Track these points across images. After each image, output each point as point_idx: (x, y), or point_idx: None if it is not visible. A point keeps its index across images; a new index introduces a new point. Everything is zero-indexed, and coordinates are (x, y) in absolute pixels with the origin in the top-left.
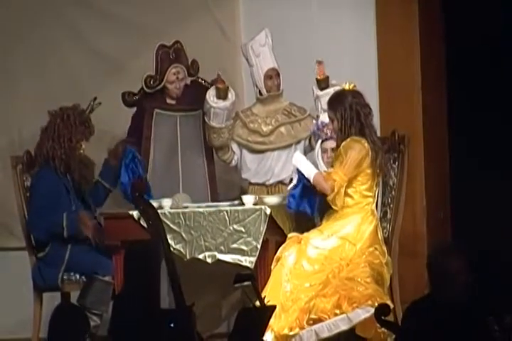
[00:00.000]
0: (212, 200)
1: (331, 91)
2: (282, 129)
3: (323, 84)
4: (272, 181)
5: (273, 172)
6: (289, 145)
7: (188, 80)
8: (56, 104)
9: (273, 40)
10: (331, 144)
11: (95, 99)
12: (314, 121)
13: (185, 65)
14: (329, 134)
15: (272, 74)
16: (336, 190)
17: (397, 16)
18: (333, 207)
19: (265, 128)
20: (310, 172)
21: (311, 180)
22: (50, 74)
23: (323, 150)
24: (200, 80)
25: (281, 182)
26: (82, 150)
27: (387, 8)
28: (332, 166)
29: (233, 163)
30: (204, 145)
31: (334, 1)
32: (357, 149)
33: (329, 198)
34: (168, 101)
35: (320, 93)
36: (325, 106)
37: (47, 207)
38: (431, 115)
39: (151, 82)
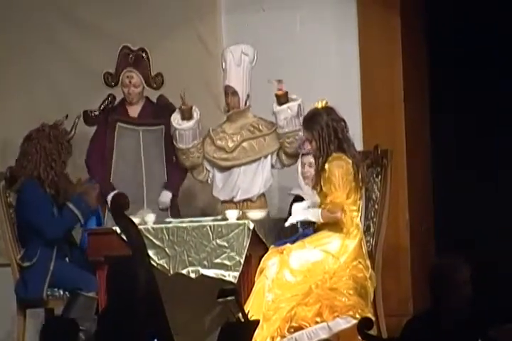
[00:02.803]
0: (173, 216)
1: (288, 105)
2: (245, 145)
3: (282, 99)
4: (238, 198)
5: (239, 189)
6: (255, 161)
7: (156, 93)
8: (42, 119)
9: (255, 55)
10: (308, 159)
11: (79, 117)
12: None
13: (144, 73)
14: (306, 149)
15: (228, 92)
16: (345, 209)
17: (380, 30)
18: (341, 225)
19: (230, 145)
20: (315, 215)
21: (322, 221)
22: (37, 89)
23: (302, 165)
24: (165, 98)
25: (249, 200)
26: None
27: (369, 22)
28: (317, 189)
29: (209, 181)
30: (166, 160)
31: (317, 16)
32: (342, 166)
33: (340, 220)
34: (131, 114)
35: (277, 109)
36: (282, 122)
37: (49, 208)
38: (413, 128)
39: (109, 80)
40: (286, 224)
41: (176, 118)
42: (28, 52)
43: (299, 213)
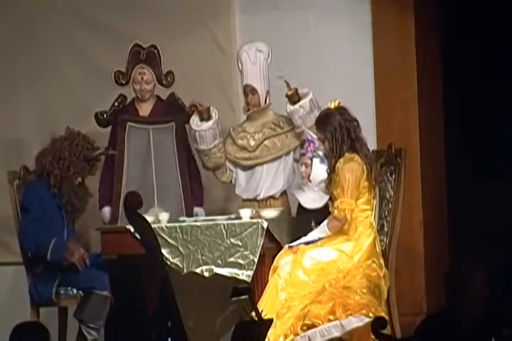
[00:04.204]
0: (187, 213)
1: (300, 104)
2: (267, 143)
3: (294, 98)
4: (262, 196)
5: (263, 187)
6: (277, 158)
7: (166, 93)
8: (56, 119)
9: (270, 52)
10: (305, 159)
11: (108, 148)
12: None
13: (156, 70)
14: (303, 150)
15: (247, 91)
16: (348, 218)
17: (393, 29)
18: (348, 231)
19: (252, 143)
20: (321, 231)
21: (330, 233)
22: (50, 90)
23: (301, 164)
24: (175, 96)
25: (272, 197)
26: (77, 182)
27: (383, 20)
28: (332, 190)
29: (233, 181)
30: (177, 157)
31: (330, 15)
32: (353, 169)
33: (343, 227)
34: (141, 113)
35: (290, 109)
36: (297, 122)
37: (38, 219)
38: (427, 127)
39: (120, 78)
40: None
41: (194, 120)
42: (42, 53)
43: (307, 236)
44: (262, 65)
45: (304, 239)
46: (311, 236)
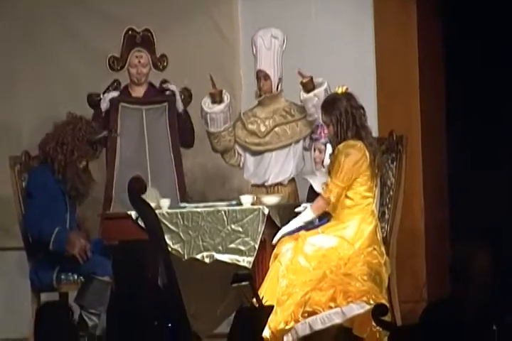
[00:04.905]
0: (181, 196)
1: (314, 93)
2: (277, 130)
3: (308, 86)
4: (270, 182)
5: (271, 173)
6: (287, 146)
7: (158, 79)
8: (56, 105)
9: (285, 39)
10: (319, 145)
11: (111, 131)
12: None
13: (151, 54)
14: (317, 135)
15: (260, 76)
16: (333, 200)
17: (395, 18)
18: (332, 214)
19: (262, 129)
20: (307, 216)
21: (314, 215)
22: (51, 76)
23: (314, 150)
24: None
25: (280, 184)
26: (81, 166)
27: (385, 9)
28: (329, 173)
29: (241, 165)
30: (171, 138)
31: (333, 3)
32: (351, 154)
33: (327, 209)
34: (134, 94)
35: (304, 97)
36: (311, 110)
37: (42, 206)
38: (428, 115)
39: (114, 64)
40: (274, 239)
41: (206, 102)
42: (41, 39)
43: (292, 222)
44: (277, 52)
45: (286, 228)
46: (294, 223)
